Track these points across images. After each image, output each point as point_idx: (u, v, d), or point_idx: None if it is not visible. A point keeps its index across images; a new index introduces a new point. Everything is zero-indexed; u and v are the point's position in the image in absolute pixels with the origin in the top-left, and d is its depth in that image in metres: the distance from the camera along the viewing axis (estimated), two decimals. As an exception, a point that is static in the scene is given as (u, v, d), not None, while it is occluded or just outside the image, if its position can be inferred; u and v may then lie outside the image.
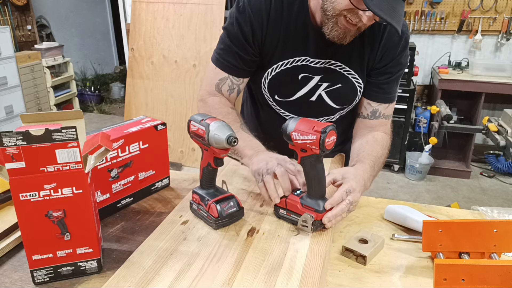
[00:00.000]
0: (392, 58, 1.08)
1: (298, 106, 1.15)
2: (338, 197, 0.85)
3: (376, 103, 1.14)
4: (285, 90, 1.14)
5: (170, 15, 3.28)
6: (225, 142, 0.80)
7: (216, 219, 0.85)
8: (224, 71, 1.12)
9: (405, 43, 1.08)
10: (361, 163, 1.00)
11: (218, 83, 1.14)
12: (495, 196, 3.30)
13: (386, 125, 1.17)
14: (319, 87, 1.11)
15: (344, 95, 1.13)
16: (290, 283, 0.69)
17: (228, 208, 0.86)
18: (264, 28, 1.05)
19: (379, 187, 3.42)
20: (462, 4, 3.67)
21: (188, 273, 0.71)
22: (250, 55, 1.09)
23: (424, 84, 4.01)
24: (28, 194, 0.69)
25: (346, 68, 1.09)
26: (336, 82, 1.11)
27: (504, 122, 2.24)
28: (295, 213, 0.87)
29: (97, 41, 6.57)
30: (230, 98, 1.16)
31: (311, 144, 0.81)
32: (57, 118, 0.78)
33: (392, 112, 1.18)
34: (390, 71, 1.10)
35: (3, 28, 3.86)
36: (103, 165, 0.93)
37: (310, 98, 1.13)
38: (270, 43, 1.07)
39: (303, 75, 1.10)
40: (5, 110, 3.92)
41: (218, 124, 0.82)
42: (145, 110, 3.43)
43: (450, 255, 0.80)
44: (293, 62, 1.09)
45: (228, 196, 0.89)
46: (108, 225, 0.94)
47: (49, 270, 0.76)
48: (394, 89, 1.14)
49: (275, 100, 1.16)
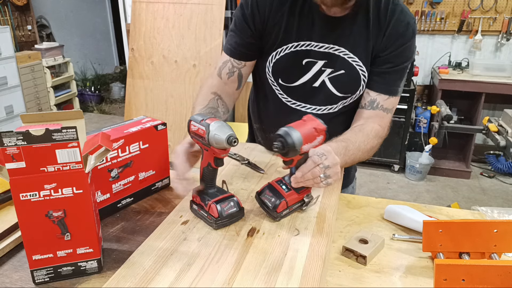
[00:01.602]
0: (396, 47, 1.06)
1: (301, 92, 1.15)
2: (310, 163, 0.84)
3: (375, 93, 1.11)
4: (289, 74, 1.13)
5: (170, 15, 3.28)
6: (225, 142, 0.80)
7: (216, 219, 0.85)
8: (226, 54, 1.16)
9: (411, 34, 1.06)
10: (329, 141, 0.98)
11: (220, 66, 1.17)
12: (495, 196, 3.30)
13: (383, 118, 1.11)
14: (322, 72, 1.11)
15: (347, 82, 1.11)
16: (290, 283, 0.69)
17: (228, 208, 0.86)
18: (267, 12, 1.07)
19: (379, 187, 3.42)
20: (462, 4, 3.67)
21: (188, 273, 0.71)
22: (250, 38, 1.11)
23: (424, 84, 4.01)
24: (28, 194, 0.69)
25: (351, 55, 1.08)
26: (339, 68, 1.09)
27: (504, 122, 2.24)
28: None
29: (97, 41, 6.58)
30: (229, 82, 1.16)
31: (318, 144, 0.81)
32: (57, 118, 0.78)
33: (394, 108, 1.13)
34: (392, 61, 1.07)
35: (3, 28, 3.86)
36: (103, 165, 0.93)
37: (313, 84, 1.13)
38: (273, 27, 1.08)
39: (307, 60, 1.10)
40: (5, 110, 3.92)
41: (218, 124, 0.82)
42: (145, 110, 3.43)
43: (450, 255, 0.80)
44: (297, 46, 1.08)
45: (228, 196, 0.89)
46: (108, 225, 0.94)
47: (49, 270, 0.76)
48: (396, 82, 1.10)
49: (279, 85, 1.16)
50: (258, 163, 1.17)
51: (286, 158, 0.85)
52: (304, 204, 0.90)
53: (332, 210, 0.92)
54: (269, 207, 0.86)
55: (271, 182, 0.90)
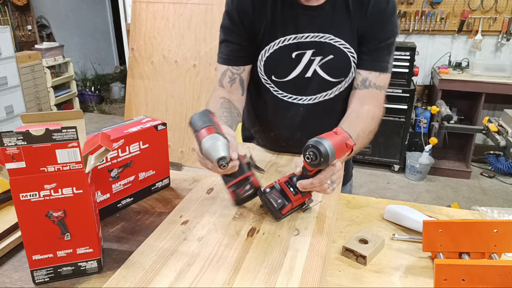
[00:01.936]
0: (380, 24, 1.09)
1: (296, 85, 1.16)
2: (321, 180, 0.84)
3: (365, 71, 1.13)
4: (280, 69, 1.15)
5: (170, 15, 3.28)
6: (215, 162, 0.81)
7: (234, 201, 0.91)
8: (223, 64, 1.17)
9: (392, 9, 1.09)
10: None
11: (220, 78, 1.18)
12: (495, 196, 3.30)
13: (377, 96, 1.13)
14: (312, 62, 1.13)
15: (338, 66, 1.13)
16: (290, 283, 0.69)
17: (244, 192, 0.89)
18: (251, 12, 1.10)
19: (379, 187, 3.42)
20: (462, 4, 3.67)
21: (188, 273, 0.71)
22: (243, 41, 1.13)
23: (424, 84, 4.01)
24: (28, 194, 0.69)
25: (336, 39, 1.10)
26: (328, 54, 1.12)
27: (504, 122, 2.24)
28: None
29: (97, 41, 6.58)
30: (233, 89, 1.17)
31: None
32: (57, 118, 0.78)
33: (386, 85, 1.15)
34: (378, 37, 1.10)
35: (3, 28, 3.86)
36: (103, 165, 0.93)
37: (305, 74, 1.14)
38: (259, 27, 1.11)
39: (296, 53, 1.12)
40: (5, 110, 3.93)
41: (210, 142, 0.82)
42: (145, 110, 3.44)
43: (450, 255, 0.80)
44: (284, 41, 1.11)
45: (245, 178, 0.89)
46: (108, 225, 0.94)
47: (49, 270, 0.76)
48: (385, 58, 1.12)
49: (273, 81, 1.17)
50: (258, 163, 1.17)
51: (311, 168, 0.82)
52: (304, 206, 0.91)
53: (332, 210, 0.92)
54: (274, 207, 0.86)
55: (279, 182, 0.89)
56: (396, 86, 3.43)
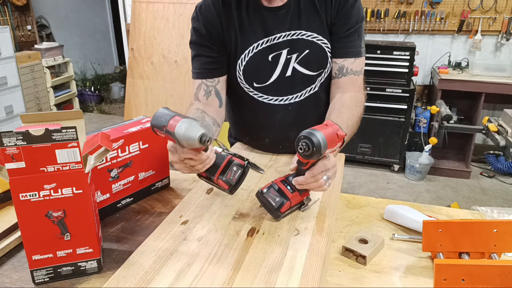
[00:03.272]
0: (346, 10, 1.10)
1: (278, 87, 1.17)
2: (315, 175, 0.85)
3: (341, 59, 1.15)
4: (260, 74, 1.16)
5: (170, 15, 3.28)
6: (197, 142, 0.78)
7: (228, 189, 0.89)
8: (197, 78, 1.18)
9: None
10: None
11: (195, 92, 1.18)
12: (495, 196, 3.30)
13: (356, 82, 1.16)
14: (290, 60, 1.14)
15: (315, 59, 1.15)
16: (290, 283, 0.69)
17: (233, 175, 0.89)
18: (218, 23, 1.12)
19: (379, 187, 3.42)
20: (462, 4, 3.67)
21: (188, 273, 0.71)
22: (214, 53, 1.14)
23: (424, 84, 4.01)
24: (28, 194, 0.69)
25: (308, 33, 1.12)
26: (303, 49, 1.13)
27: (504, 122, 2.24)
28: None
29: (97, 41, 6.57)
30: (209, 102, 1.17)
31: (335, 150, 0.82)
32: (57, 118, 0.78)
33: (362, 69, 1.17)
34: (346, 23, 1.12)
35: (3, 28, 3.86)
36: (103, 165, 0.93)
37: (286, 74, 1.15)
38: (229, 37, 1.13)
39: (272, 55, 1.13)
40: (5, 110, 3.92)
41: (185, 125, 0.79)
42: (145, 110, 3.43)
43: (450, 255, 0.80)
44: (258, 46, 1.12)
45: (228, 162, 0.90)
46: (108, 225, 0.94)
47: (49, 270, 0.76)
48: (357, 43, 1.14)
49: (255, 88, 1.18)
50: (258, 163, 1.17)
51: (304, 160, 0.84)
52: (303, 206, 0.91)
53: (332, 210, 0.92)
54: (273, 206, 0.86)
55: (275, 181, 0.90)
56: (396, 86, 3.43)
